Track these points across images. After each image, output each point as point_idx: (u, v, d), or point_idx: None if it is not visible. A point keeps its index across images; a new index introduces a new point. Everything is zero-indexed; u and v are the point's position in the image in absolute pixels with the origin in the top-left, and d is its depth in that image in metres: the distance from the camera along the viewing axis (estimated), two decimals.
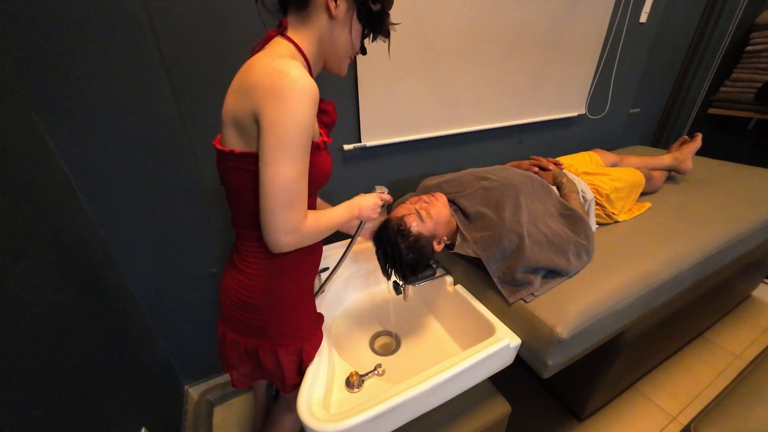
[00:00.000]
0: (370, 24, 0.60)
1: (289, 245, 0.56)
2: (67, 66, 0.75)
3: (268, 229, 0.53)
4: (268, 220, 0.52)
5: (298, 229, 0.55)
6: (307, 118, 0.50)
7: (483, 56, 1.24)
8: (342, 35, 0.58)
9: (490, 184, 0.97)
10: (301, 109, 0.49)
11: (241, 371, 0.76)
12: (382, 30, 0.62)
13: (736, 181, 1.38)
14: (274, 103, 0.48)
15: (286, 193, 0.51)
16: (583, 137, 1.82)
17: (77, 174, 0.84)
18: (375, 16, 0.59)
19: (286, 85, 0.48)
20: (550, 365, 0.76)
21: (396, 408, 0.63)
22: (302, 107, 0.49)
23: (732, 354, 1.47)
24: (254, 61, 0.52)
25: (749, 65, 2.06)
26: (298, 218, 0.54)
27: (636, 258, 0.93)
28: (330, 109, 0.67)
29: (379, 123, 1.15)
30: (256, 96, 0.49)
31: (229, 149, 0.55)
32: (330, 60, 0.62)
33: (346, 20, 0.57)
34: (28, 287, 0.55)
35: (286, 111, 0.48)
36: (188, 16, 0.81)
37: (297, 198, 0.53)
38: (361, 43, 0.63)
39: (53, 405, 0.54)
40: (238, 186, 0.58)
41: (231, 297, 0.66)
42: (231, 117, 0.54)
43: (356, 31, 0.59)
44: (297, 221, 0.54)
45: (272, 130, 0.49)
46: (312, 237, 0.59)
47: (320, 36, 0.58)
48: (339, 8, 0.55)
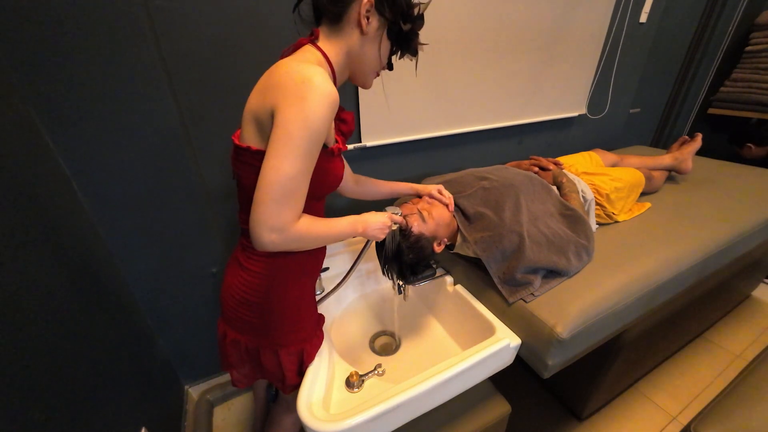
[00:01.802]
0: (399, 42, 0.62)
1: (272, 244, 0.52)
2: (67, 66, 0.75)
3: (253, 222, 0.51)
4: (255, 211, 0.50)
5: (285, 228, 0.52)
6: (320, 120, 0.49)
7: (483, 56, 1.23)
8: (371, 51, 0.60)
9: (490, 184, 0.97)
10: (316, 111, 0.49)
11: (241, 371, 0.76)
12: (410, 49, 0.64)
13: (736, 181, 1.38)
14: (291, 102, 0.48)
15: (280, 188, 0.49)
16: (583, 137, 1.82)
17: (77, 174, 0.84)
18: (405, 35, 0.60)
19: (307, 89, 0.48)
20: (550, 365, 0.76)
21: (396, 408, 0.63)
22: (318, 110, 0.49)
23: (732, 354, 1.47)
24: (280, 64, 0.53)
25: (749, 65, 2.06)
26: (287, 217, 0.51)
27: (636, 258, 0.93)
28: (349, 118, 0.69)
29: (380, 123, 1.15)
30: (276, 94, 0.50)
31: (247, 145, 0.55)
32: (356, 73, 0.64)
33: (376, 37, 0.59)
34: (27, 287, 0.55)
35: (300, 110, 0.48)
36: (188, 16, 0.81)
37: (291, 196, 0.51)
38: (388, 60, 0.64)
39: (53, 405, 0.54)
40: (250, 182, 0.58)
41: (233, 295, 0.66)
42: (252, 114, 0.54)
43: (385, 48, 0.61)
44: (285, 220, 0.51)
45: (282, 126, 0.49)
46: (300, 241, 0.56)
47: (349, 49, 0.59)
48: (371, 25, 0.57)
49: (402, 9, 0.58)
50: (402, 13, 0.59)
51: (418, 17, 0.61)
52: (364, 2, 0.55)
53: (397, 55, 0.65)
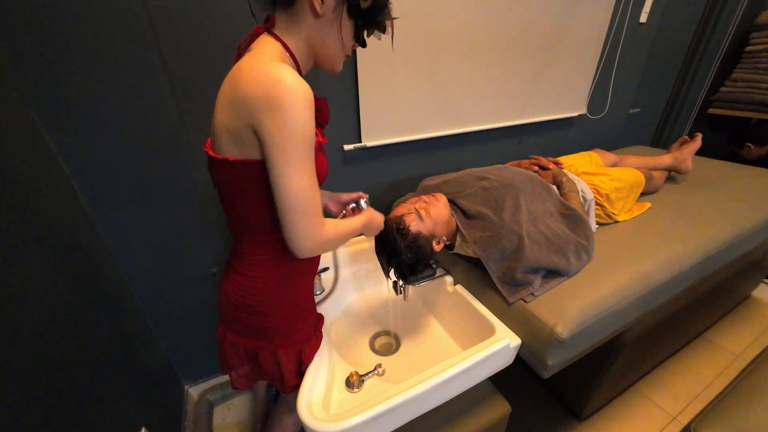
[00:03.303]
0: (363, 20, 0.56)
1: (311, 251, 0.56)
2: (67, 66, 0.75)
3: (291, 237, 0.54)
4: (289, 230, 0.53)
5: (318, 233, 0.55)
6: (307, 124, 0.49)
7: (483, 56, 1.23)
8: (330, 34, 0.55)
9: (490, 184, 0.97)
10: (300, 117, 0.48)
11: (240, 372, 0.76)
12: (376, 25, 0.58)
13: (736, 181, 1.38)
14: (271, 114, 0.46)
15: (299, 202, 0.51)
16: (583, 137, 1.82)
17: (77, 174, 0.84)
18: (367, 11, 0.55)
19: (280, 94, 0.46)
20: (550, 365, 0.76)
21: (396, 408, 0.63)
22: (301, 115, 0.48)
23: (732, 354, 1.47)
24: (243, 67, 0.50)
25: (749, 65, 2.06)
26: (316, 225, 0.55)
27: (636, 258, 0.93)
28: (323, 107, 0.64)
29: (380, 123, 1.15)
30: (252, 108, 0.47)
31: (223, 157, 0.54)
32: (321, 59, 0.59)
33: (335, 18, 0.54)
34: (27, 287, 0.55)
35: (285, 122, 0.47)
36: (188, 16, 0.81)
37: (311, 204, 0.53)
38: (358, 38, 0.59)
39: (53, 405, 0.54)
40: (233, 192, 0.57)
41: (231, 300, 0.66)
42: (225, 127, 0.52)
43: (347, 29, 0.56)
44: (315, 229, 0.55)
45: (275, 144, 0.48)
46: (331, 243, 0.60)
47: (308, 36, 0.55)
48: (325, 5, 0.52)
49: None
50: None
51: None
52: None
53: (365, 33, 0.59)
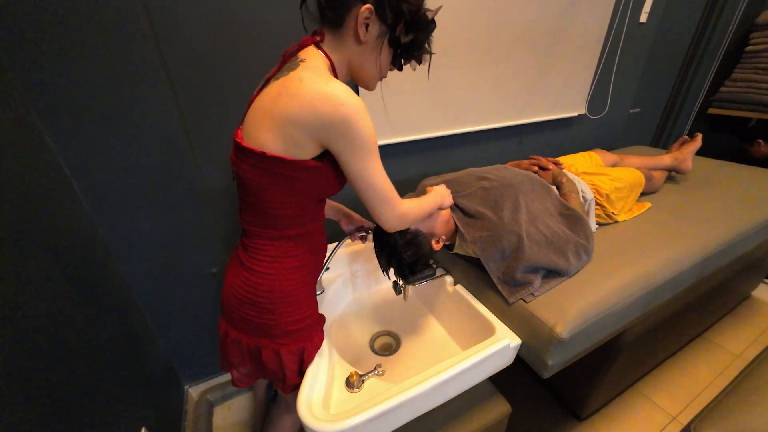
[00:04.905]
0: (402, 51, 0.61)
1: (397, 227, 0.68)
2: (67, 66, 0.75)
3: (382, 221, 0.65)
4: (378, 216, 0.64)
5: (401, 213, 0.65)
6: (371, 131, 0.55)
7: (483, 56, 1.24)
8: (370, 59, 0.60)
9: (490, 184, 0.97)
10: (366, 125, 0.54)
11: (242, 370, 0.76)
12: (414, 57, 0.63)
13: (736, 181, 1.38)
14: (343, 132, 0.53)
15: (383, 191, 0.61)
16: (583, 137, 1.82)
17: (77, 174, 0.84)
18: (407, 45, 0.60)
19: (346, 112, 0.51)
20: (550, 365, 0.76)
21: (396, 408, 0.63)
22: (366, 122, 0.54)
23: (732, 354, 1.47)
24: (305, 79, 0.52)
25: (749, 65, 2.06)
26: (398, 206, 0.64)
27: (636, 258, 0.93)
28: None
29: (379, 123, 1.15)
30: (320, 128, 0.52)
31: (260, 150, 0.54)
32: (357, 78, 0.64)
33: (376, 45, 0.58)
34: (27, 287, 0.55)
35: (356, 134, 0.53)
36: (188, 16, 0.81)
37: (390, 191, 0.62)
38: (395, 63, 0.63)
39: (53, 405, 0.54)
40: (258, 185, 0.58)
41: (236, 295, 0.66)
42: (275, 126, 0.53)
43: (385, 56, 0.61)
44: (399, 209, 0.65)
45: (353, 153, 0.55)
46: (412, 218, 0.70)
47: (350, 56, 0.60)
48: (369, 34, 0.56)
49: (405, 16, 0.56)
50: (405, 21, 0.56)
51: (425, 25, 0.59)
52: (363, 9, 0.53)
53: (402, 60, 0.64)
